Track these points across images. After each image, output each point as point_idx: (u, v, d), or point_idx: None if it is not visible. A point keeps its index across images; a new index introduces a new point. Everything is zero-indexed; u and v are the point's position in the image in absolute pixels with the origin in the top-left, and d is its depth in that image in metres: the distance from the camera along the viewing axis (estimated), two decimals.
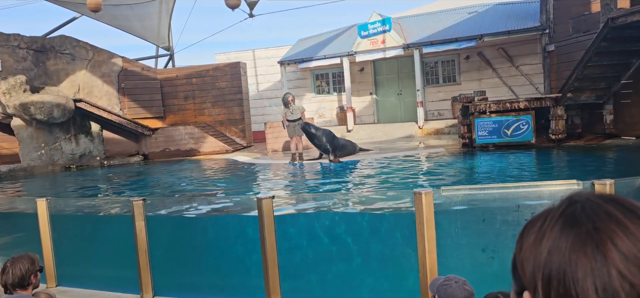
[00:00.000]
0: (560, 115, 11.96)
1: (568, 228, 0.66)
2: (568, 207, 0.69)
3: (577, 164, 10.23)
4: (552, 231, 0.67)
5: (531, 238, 0.70)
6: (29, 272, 3.08)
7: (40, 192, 11.69)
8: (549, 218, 0.69)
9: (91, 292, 5.71)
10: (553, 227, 0.67)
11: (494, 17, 16.91)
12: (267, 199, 4.76)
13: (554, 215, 0.69)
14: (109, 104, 17.24)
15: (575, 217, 0.66)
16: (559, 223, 0.67)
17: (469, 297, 2.39)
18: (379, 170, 10.81)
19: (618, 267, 0.60)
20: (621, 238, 0.62)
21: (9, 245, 7.41)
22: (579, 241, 0.64)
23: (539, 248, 0.67)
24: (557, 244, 0.65)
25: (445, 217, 4.59)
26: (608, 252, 0.61)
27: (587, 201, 0.68)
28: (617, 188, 3.82)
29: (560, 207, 0.70)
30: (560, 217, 0.68)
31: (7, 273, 3.02)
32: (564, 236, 0.65)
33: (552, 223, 0.68)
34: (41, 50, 16.52)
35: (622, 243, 0.62)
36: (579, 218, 0.66)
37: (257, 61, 21.97)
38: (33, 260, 3.15)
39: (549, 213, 0.70)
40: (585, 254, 0.62)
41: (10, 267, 3.04)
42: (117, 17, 19.55)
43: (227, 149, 17.52)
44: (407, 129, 17.01)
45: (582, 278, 0.62)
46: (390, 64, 19.42)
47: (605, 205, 0.66)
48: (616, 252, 0.61)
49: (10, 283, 3.01)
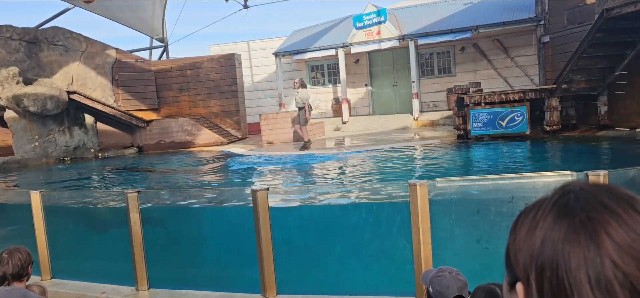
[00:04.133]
0: (555, 106, 11.99)
1: (561, 218, 0.65)
2: (561, 197, 0.68)
3: (572, 155, 10.28)
4: (545, 221, 0.66)
5: (524, 229, 0.69)
6: (27, 262, 3.07)
7: (34, 184, 11.64)
8: (542, 208, 0.68)
9: (86, 284, 5.69)
10: (546, 217, 0.66)
11: (489, 9, 16.90)
12: (262, 191, 4.75)
13: (547, 205, 0.68)
14: (103, 96, 17.14)
15: (569, 207, 0.65)
16: (552, 213, 0.66)
17: (462, 287, 2.39)
18: (374, 162, 10.82)
19: (611, 256, 0.60)
20: (614, 228, 0.61)
21: (3, 238, 7.38)
22: (572, 231, 0.63)
23: (532, 238, 0.66)
24: (550, 234, 0.64)
25: (440, 209, 4.60)
26: (601, 242, 0.61)
27: (581, 191, 0.67)
28: (611, 179, 3.83)
29: (553, 197, 0.69)
30: (554, 207, 0.67)
31: (7, 264, 3.00)
32: (557, 226, 0.64)
33: (546, 213, 0.67)
34: (34, 41, 16.38)
35: (615, 233, 0.61)
36: (573, 208, 0.65)
37: (251, 53, 21.89)
38: (29, 252, 3.14)
39: (542, 203, 0.69)
40: (578, 244, 0.62)
41: (9, 258, 3.02)
42: (111, 8, 19.42)
43: (222, 141, 17.47)
44: (403, 120, 17.02)
45: (575, 268, 0.61)
46: (386, 56, 19.40)
47: (599, 194, 0.66)
48: (609, 241, 0.60)
49: (10, 274, 2.99)
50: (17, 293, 2.81)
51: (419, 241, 4.22)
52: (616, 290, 0.59)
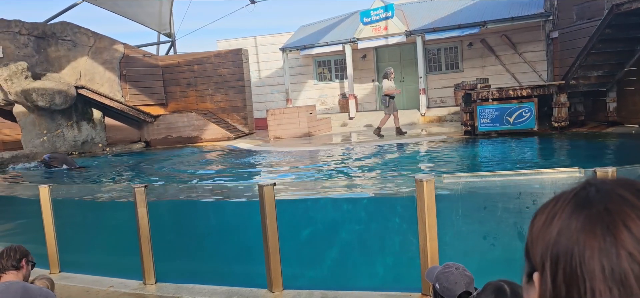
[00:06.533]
0: (563, 102, 11.90)
1: (579, 210, 0.65)
2: (582, 189, 0.68)
3: (580, 152, 10.20)
4: (563, 212, 0.67)
5: (542, 219, 0.69)
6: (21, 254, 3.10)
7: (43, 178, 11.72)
8: (562, 200, 0.69)
9: (94, 278, 5.74)
10: (565, 208, 0.67)
11: (498, 4, 16.78)
12: (268, 186, 4.76)
13: (567, 197, 0.68)
14: (110, 91, 17.22)
15: (588, 199, 0.66)
16: (570, 204, 0.67)
17: (469, 282, 2.39)
18: (381, 157, 10.80)
19: (628, 248, 0.59)
20: (634, 220, 0.61)
21: (11, 231, 7.45)
22: (589, 222, 0.63)
23: (549, 228, 0.67)
24: (567, 224, 0.65)
25: (447, 204, 4.58)
26: (619, 234, 0.60)
27: (602, 184, 0.67)
28: (620, 175, 3.80)
29: (573, 190, 0.69)
30: (573, 198, 0.67)
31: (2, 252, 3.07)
32: (575, 217, 0.65)
33: (564, 205, 0.67)
34: (42, 36, 16.47)
35: (634, 226, 0.61)
36: (592, 200, 0.65)
37: (258, 48, 21.89)
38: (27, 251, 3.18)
39: (562, 195, 0.70)
40: (594, 235, 0.62)
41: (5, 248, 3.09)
42: (119, 3, 19.49)
43: (229, 136, 17.51)
44: (410, 116, 16.96)
45: (588, 257, 0.61)
46: (393, 51, 19.33)
47: (620, 188, 0.65)
48: (628, 233, 0.60)
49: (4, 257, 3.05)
50: (17, 287, 2.75)
51: (426, 236, 4.22)
52: (631, 282, 0.59)
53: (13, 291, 2.70)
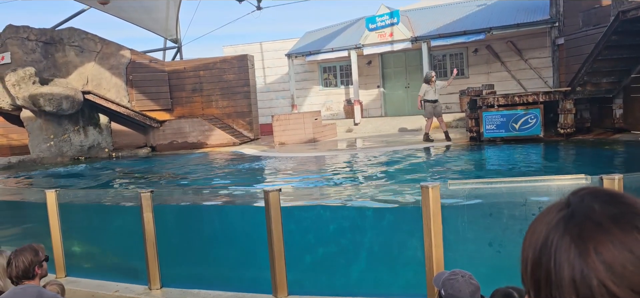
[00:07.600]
0: (569, 109, 11.85)
1: (554, 232, 0.67)
2: (562, 209, 0.69)
3: (586, 159, 10.15)
4: (541, 233, 0.69)
5: (528, 238, 0.72)
6: (33, 263, 3.06)
7: (49, 183, 11.79)
8: (545, 220, 0.70)
9: (99, 282, 5.75)
10: (544, 229, 0.69)
11: (503, 10, 16.78)
12: (274, 192, 4.76)
13: (551, 216, 0.70)
14: (117, 96, 17.31)
15: (565, 221, 0.67)
16: (550, 225, 0.68)
17: (475, 291, 2.38)
18: (386, 163, 10.80)
19: (599, 276, 0.60)
20: (606, 247, 0.61)
21: (19, 235, 7.49)
22: (565, 248, 0.64)
23: (532, 247, 0.69)
24: (546, 247, 0.67)
25: (452, 211, 4.57)
26: (590, 262, 0.61)
27: (580, 204, 0.68)
28: (626, 183, 3.78)
29: (557, 207, 0.70)
30: (553, 219, 0.69)
31: (11, 266, 3.04)
32: (551, 240, 0.66)
33: (544, 226, 0.69)
34: (50, 42, 16.60)
35: (606, 252, 0.61)
36: (567, 223, 0.66)
37: (264, 54, 21.96)
38: (36, 251, 3.13)
39: (547, 213, 0.71)
40: (568, 261, 0.63)
41: (14, 260, 3.06)
42: (125, 9, 19.61)
43: (235, 142, 17.55)
44: (415, 122, 16.95)
45: (567, 285, 0.62)
46: (398, 57, 19.34)
47: (596, 210, 0.66)
48: (598, 261, 0.61)
49: (14, 276, 3.03)
50: (32, 291, 2.83)
51: (431, 243, 4.21)
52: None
53: (28, 295, 2.77)
